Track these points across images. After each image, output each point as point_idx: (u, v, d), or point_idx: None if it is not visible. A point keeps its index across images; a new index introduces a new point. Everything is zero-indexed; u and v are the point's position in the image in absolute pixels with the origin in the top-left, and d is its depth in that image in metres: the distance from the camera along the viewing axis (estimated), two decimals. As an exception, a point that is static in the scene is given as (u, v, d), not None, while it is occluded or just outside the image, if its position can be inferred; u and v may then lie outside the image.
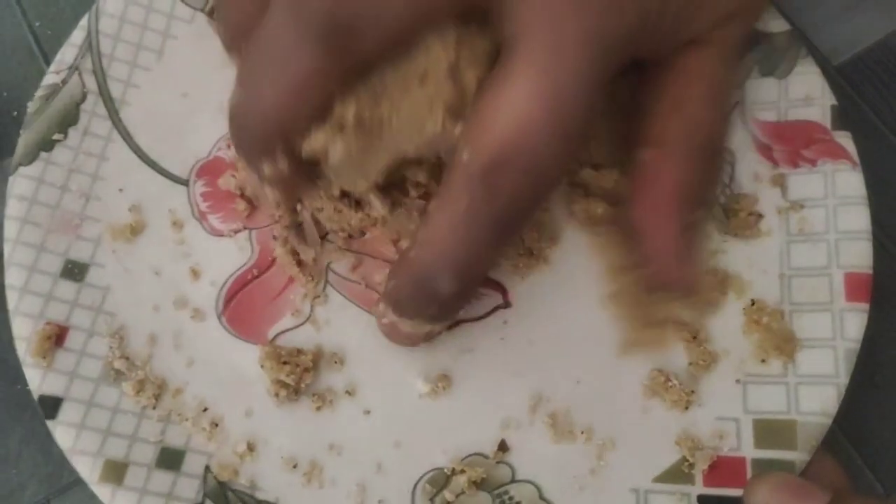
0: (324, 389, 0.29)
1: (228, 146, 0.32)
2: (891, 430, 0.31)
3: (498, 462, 0.28)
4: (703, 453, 0.27)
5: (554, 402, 0.29)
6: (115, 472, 0.27)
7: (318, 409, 0.29)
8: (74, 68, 0.32)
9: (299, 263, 0.30)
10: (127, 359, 0.29)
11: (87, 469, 0.27)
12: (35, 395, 0.28)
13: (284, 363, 0.29)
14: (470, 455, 0.28)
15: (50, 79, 0.32)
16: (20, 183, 0.30)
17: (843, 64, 0.36)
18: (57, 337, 0.29)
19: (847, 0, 0.37)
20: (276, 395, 0.29)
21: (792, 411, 0.27)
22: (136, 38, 0.33)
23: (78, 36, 0.33)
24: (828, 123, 0.31)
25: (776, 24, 0.33)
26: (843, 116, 0.31)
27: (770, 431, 0.27)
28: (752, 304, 0.30)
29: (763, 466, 0.27)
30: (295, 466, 0.28)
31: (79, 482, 0.28)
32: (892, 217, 0.33)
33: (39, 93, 0.32)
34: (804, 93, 0.32)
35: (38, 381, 0.28)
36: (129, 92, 0.33)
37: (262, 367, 0.29)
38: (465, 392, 0.29)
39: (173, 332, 0.30)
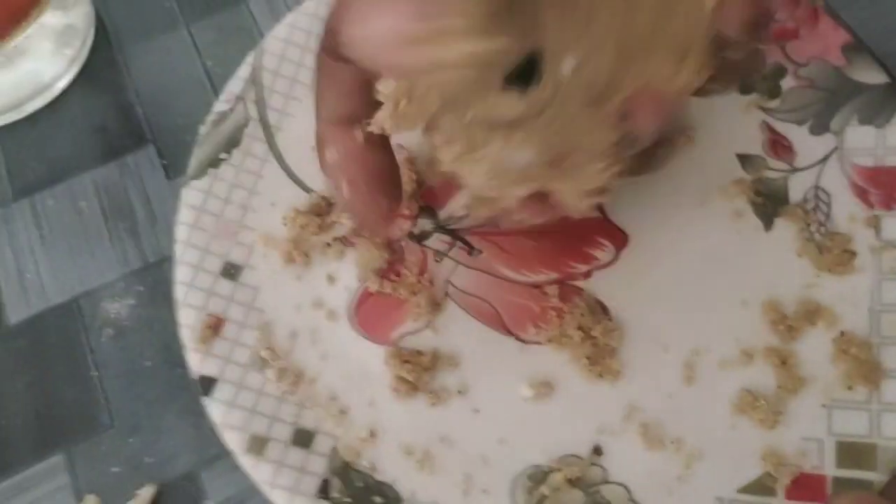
0: (438, 388, 0.33)
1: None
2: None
3: (592, 464, 0.31)
4: (786, 469, 0.29)
5: (647, 412, 0.31)
6: (258, 445, 0.31)
7: (433, 404, 0.32)
8: (241, 98, 0.38)
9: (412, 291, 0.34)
10: (271, 349, 0.33)
11: (234, 441, 0.31)
12: (195, 376, 0.32)
13: (406, 362, 0.32)
14: (566, 455, 0.31)
15: (219, 106, 0.37)
16: (191, 194, 0.35)
17: None
18: (215, 327, 0.33)
19: None
20: (397, 390, 0.32)
21: (874, 435, 0.29)
22: (292, 73, 0.39)
23: (244, 70, 0.38)
24: (924, 170, 0.33)
25: (875, 77, 0.35)
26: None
27: (851, 452, 0.29)
28: (842, 335, 0.31)
29: (843, 485, 0.29)
30: (410, 453, 0.32)
31: (223, 455, 0.32)
32: None
33: (210, 118, 0.37)
34: (901, 141, 0.34)
35: (198, 363, 0.32)
36: (284, 119, 0.38)
37: (386, 364, 0.33)
38: (564, 398, 0.32)
39: (311, 330, 0.34)
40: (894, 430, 0.29)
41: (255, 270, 0.35)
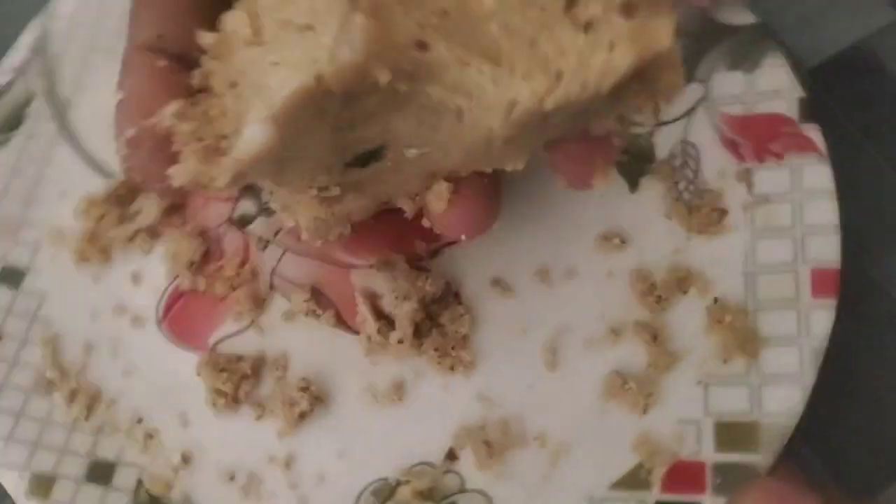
0: (264, 398, 0.28)
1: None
2: (860, 441, 0.29)
3: (446, 471, 0.27)
4: (660, 457, 0.26)
5: (506, 406, 0.27)
6: (43, 486, 0.26)
7: (259, 418, 0.28)
8: (21, 71, 0.32)
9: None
10: (60, 368, 0.28)
11: (12, 483, 0.26)
12: (-39, 407, 0.27)
13: (222, 370, 0.27)
14: (417, 464, 0.27)
15: (-7, 81, 0.31)
16: (-46, 188, 0.30)
17: (814, 68, 0.35)
18: (-12, 346, 0.28)
19: (819, 4, 0.36)
20: (214, 403, 0.27)
21: (755, 412, 0.26)
22: (88, 38, 0.33)
23: (28, 37, 0.32)
24: (795, 116, 0.30)
25: (742, 17, 0.32)
26: (811, 108, 0.30)
27: (732, 433, 0.26)
28: (715, 302, 0.28)
29: (723, 470, 0.25)
30: (232, 479, 0.27)
31: (3, 497, 0.27)
32: (864, 221, 0.32)
33: (-20, 96, 0.31)
34: (771, 86, 0.31)
35: (-35, 391, 0.27)
36: (78, 93, 0.32)
37: (198, 374, 0.28)
38: (412, 399, 0.28)
39: (111, 340, 0.29)
40: (777, 405, 0.26)
41: (39, 274, 0.29)
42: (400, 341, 0.27)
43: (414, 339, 0.28)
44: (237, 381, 0.27)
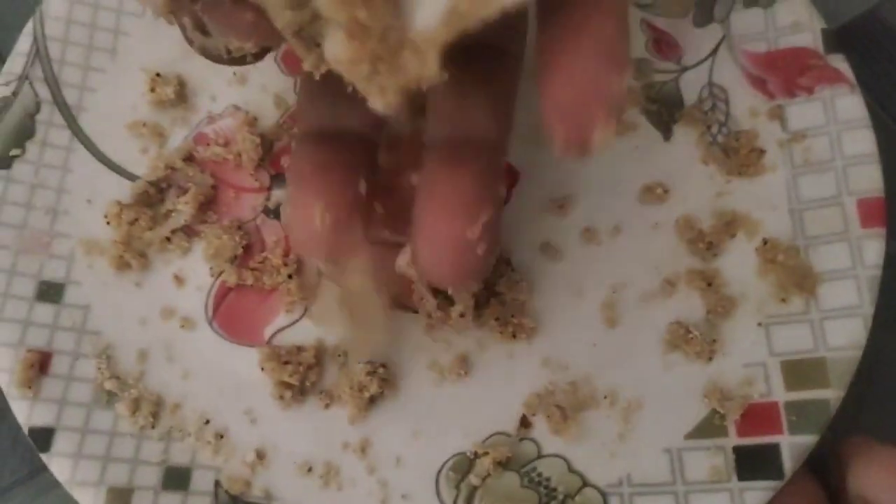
0: (330, 386, 0.28)
1: (196, 143, 0.31)
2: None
3: (521, 439, 0.27)
4: (733, 403, 0.26)
5: (573, 368, 0.27)
6: (121, 499, 0.26)
7: (327, 406, 0.27)
8: (24, 78, 0.30)
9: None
10: (118, 378, 0.27)
11: (90, 499, 0.25)
12: (25, 429, 0.26)
13: (286, 363, 0.27)
14: (492, 435, 0.27)
15: (-1, 92, 0.30)
16: (-21, 207, 0.28)
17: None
18: (40, 364, 0.27)
19: None
20: (281, 397, 0.27)
21: (820, 348, 0.26)
22: (86, 39, 0.31)
23: (24, 43, 0.31)
24: (820, 48, 0.30)
25: (754, -49, 0.31)
26: (835, 38, 0.30)
27: (800, 372, 0.26)
28: (765, 243, 0.28)
29: (797, 408, 0.26)
30: (310, 470, 0.27)
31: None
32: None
33: (-13, 108, 0.30)
34: (792, 19, 0.30)
35: (26, 413, 0.26)
36: (86, 97, 0.31)
37: (262, 369, 0.27)
38: (479, 371, 0.28)
39: (164, 345, 0.28)
40: (841, 339, 0.26)
41: (80, 286, 0.29)
42: (462, 315, 0.27)
43: (474, 310, 0.28)
44: (303, 371, 0.27)
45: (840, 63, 0.29)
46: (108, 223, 0.29)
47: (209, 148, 0.30)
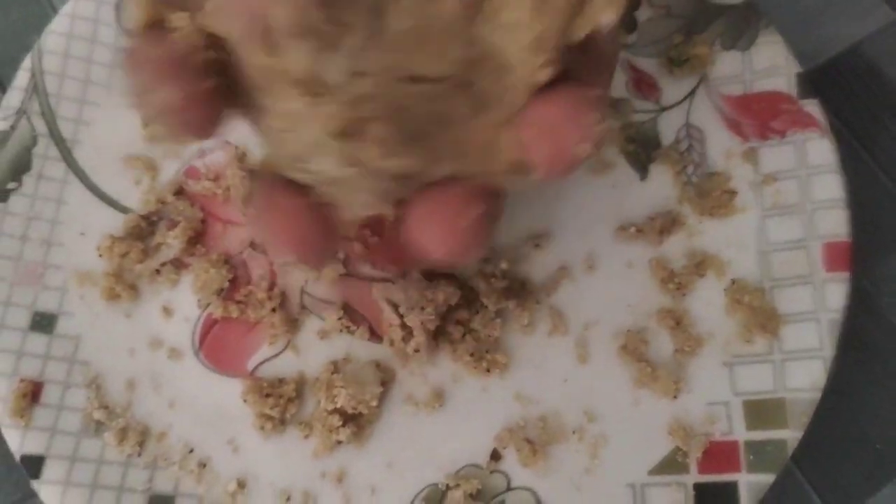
0: (310, 417, 0.29)
1: (186, 176, 0.32)
2: (848, 450, 0.30)
3: (492, 471, 0.28)
4: (695, 440, 0.27)
5: (543, 403, 0.28)
6: (107, 525, 0.27)
7: (307, 437, 0.28)
8: (22, 112, 0.32)
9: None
10: (106, 408, 0.28)
11: (77, 526, 0.27)
12: (17, 457, 0.27)
13: (267, 396, 0.28)
14: (464, 467, 0.28)
15: (-4, 127, 0.31)
16: (-23, 239, 0.30)
17: (811, 70, 0.34)
18: (32, 393, 0.28)
19: (817, 6, 0.36)
20: (262, 427, 0.28)
21: (780, 389, 0.27)
22: (83, 73, 0.33)
23: (22, 78, 0.32)
24: (794, 92, 0.31)
25: (732, -4, 0.32)
26: (810, 83, 0.30)
27: (760, 411, 0.27)
28: (733, 283, 0.29)
29: (755, 448, 0.27)
30: (288, 499, 0.28)
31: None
32: (859, 222, 0.29)
33: (-14, 142, 0.31)
34: (768, 63, 0.31)
35: (18, 441, 0.27)
36: (81, 130, 0.32)
37: (245, 401, 0.28)
38: (453, 405, 0.29)
39: (151, 375, 0.29)
40: (800, 380, 0.27)
41: (72, 317, 0.30)
42: (416, 350, 0.28)
43: (448, 346, 0.29)
44: (284, 404, 0.28)
45: (813, 108, 0.30)
46: (99, 255, 0.30)
47: (199, 182, 0.31)
